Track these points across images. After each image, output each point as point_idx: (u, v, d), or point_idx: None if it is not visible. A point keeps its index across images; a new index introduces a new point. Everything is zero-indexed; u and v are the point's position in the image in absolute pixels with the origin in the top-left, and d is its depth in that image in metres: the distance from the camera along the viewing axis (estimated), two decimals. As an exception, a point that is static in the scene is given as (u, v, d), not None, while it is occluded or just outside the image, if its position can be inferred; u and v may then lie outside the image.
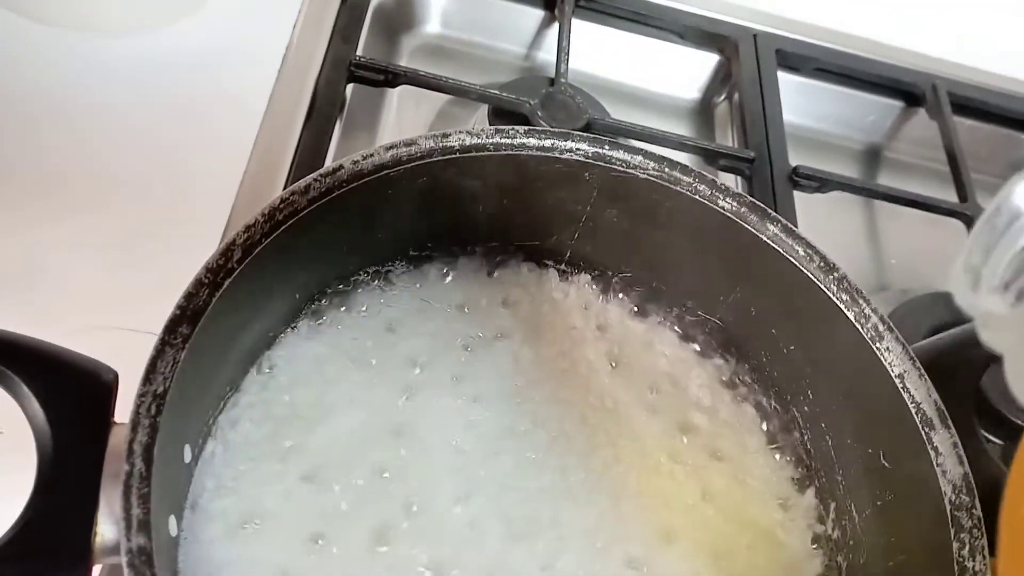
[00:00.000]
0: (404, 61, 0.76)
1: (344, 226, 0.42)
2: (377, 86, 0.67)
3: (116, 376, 0.34)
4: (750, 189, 0.69)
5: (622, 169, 0.45)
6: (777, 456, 0.48)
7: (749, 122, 0.74)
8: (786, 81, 0.79)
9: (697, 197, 0.44)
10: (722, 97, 0.82)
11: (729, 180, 0.72)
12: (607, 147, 0.44)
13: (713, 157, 0.71)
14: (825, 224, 0.73)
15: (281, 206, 0.38)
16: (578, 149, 0.44)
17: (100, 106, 0.62)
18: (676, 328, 0.51)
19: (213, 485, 0.40)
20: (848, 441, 0.44)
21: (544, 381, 0.48)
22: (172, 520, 0.36)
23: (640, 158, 0.44)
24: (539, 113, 0.66)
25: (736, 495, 0.47)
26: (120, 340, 0.46)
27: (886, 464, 0.41)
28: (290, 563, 0.39)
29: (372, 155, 0.41)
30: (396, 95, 0.72)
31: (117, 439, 0.33)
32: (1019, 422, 0.59)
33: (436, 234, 0.48)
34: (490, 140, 0.43)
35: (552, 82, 0.70)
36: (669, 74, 0.80)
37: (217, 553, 0.38)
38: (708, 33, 0.80)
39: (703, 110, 0.82)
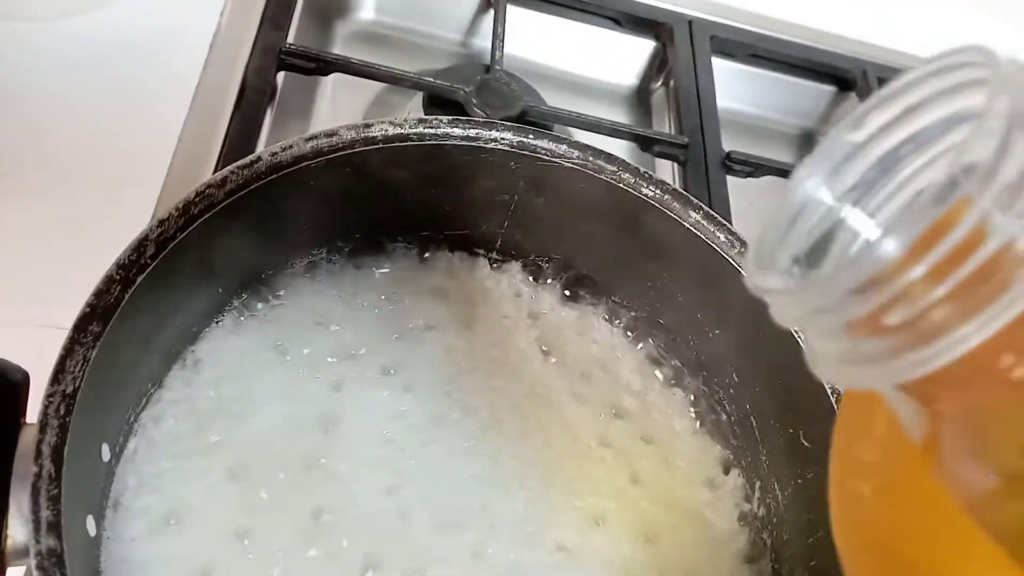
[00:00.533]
0: (338, 47, 0.75)
1: (265, 219, 0.42)
2: (308, 74, 0.66)
3: (26, 376, 0.34)
4: (684, 175, 0.70)
5: (547, 158, 0.45)
6: (704, 437, 0.49)
7: (684, 108, 0.75)
8: (721, 67, 0.80)
9: (621, 185, 0.45)
10: (658, 83, 0.82)
11: (665, 166, 0.72)
12: (531, 136, 0.45)
13: (648, 143, 0.71)
14: (760, 209, 0.74)
15: (196, 199, 0.38)
16: (503, 139, 0.44)
17: (22, 92, 0.61)
18: (606, 314, 0.52)
19: (135, 483, 0.39)
20: (771, 422, 0.45)
21: (476, 370, 0.48)
22: (90, 520, 0.35)
23: (564, 147, 0.45)
24: (474, 100, 0.66)
25: (665, 477, 0.47)
26: (36, 335, 0.45)
27: (806, 443, 0.43)
28: (216, 559, 0.39)
29: (291, 146, 0.40)
30: (330, 82, 0.71)
31: (27, 440, 0.32)
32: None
33: (363, 224, 0.47)
34: (413, 130, 0.43)
35: (488, 69, 0.70)
36: (606, 60, 0.81)
37: (140, 552, 0.38)
38: (644, 20, 0.80)
39: (640, 96, 0.83)
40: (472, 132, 0.44)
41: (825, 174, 0.19)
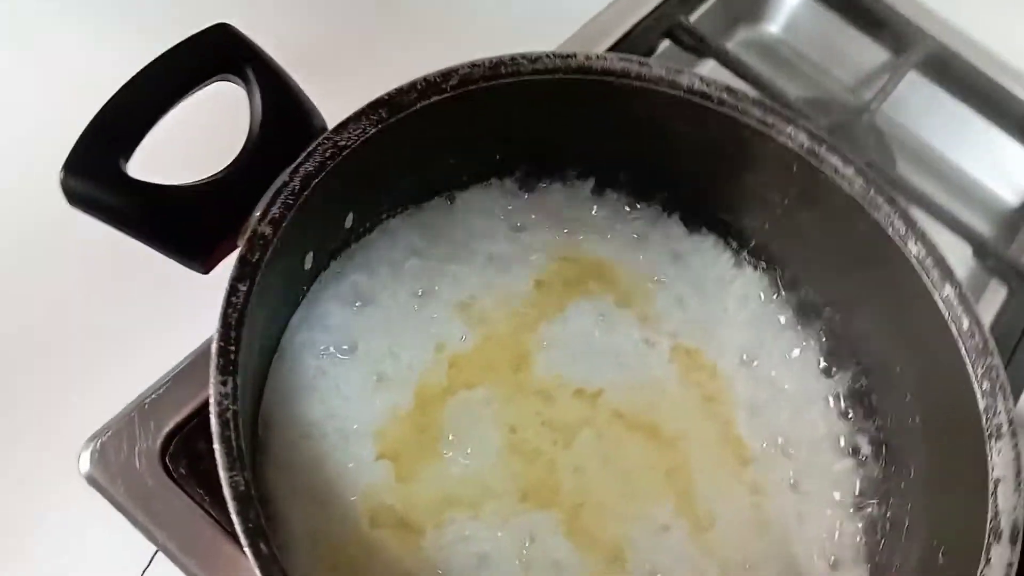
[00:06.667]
0: (730, 46, 0.78)
1: (552, 110, 0.45)
2: (686, 50, 0.70)
3: (325, 127, 0.42)
4: (1008, 304, 0.64)
5: (830, 174, 0.44)
6: (855, 519, 0.45)
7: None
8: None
9: (890, 231, 0.43)
10: (1041, 214, 0.74)
11: (999, 289, 0.66)
12: (824, 147, 0.44)
13: (986, 255, 0.65)
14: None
15: (508, 62, 0.43)
16: (796, 137, 0.44)
17: None
18: (823, 359, 0.50)
19: (360, 262, 0.47)
20: (922, 530, 0.41)
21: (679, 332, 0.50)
22: (310, 256, 0.43)
23: (852, 170, 0.44)
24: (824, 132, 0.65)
25: (793, 529, 0.45)
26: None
27: (941, 560, 0.38)
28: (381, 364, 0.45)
29: (606, 59, 0.44)
30: (705, 70, 0.74)
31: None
32: None
33: (636, 161, 0.50)
34: (717, 93, 0.45)
35: (857, 116, 0.69)
36: (990, 165, 0.75)
37: (331, 310, 0.45)
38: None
39: (1012, 219, 0.75)
40: (770, 119, 0.44)
41: None
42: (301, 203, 0.38)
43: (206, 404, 0.33)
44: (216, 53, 0.40)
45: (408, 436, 0.43)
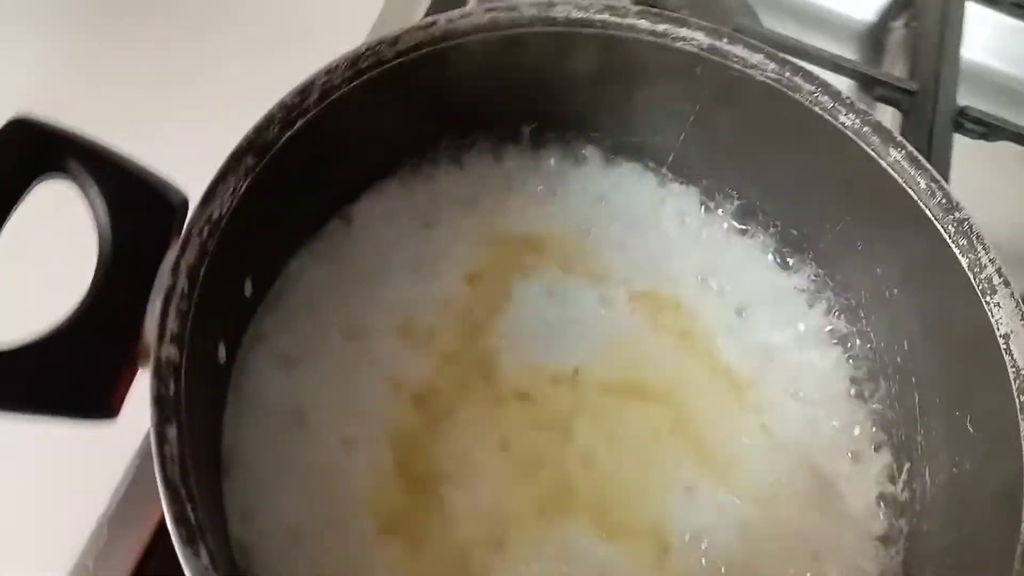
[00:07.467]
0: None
1: (432, 89, 0.41)
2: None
3: (185, 201, 0.35)
4: (905, 124, 0.63)
5: (738, 68, 0.41)
6: (860, 406, 0.44)
7: (921, 52, 0.67)
8: (977, 13, 0.70)
9: (816, 109, 0.40)
10: (900, 22, 0.73)
11: (886, 113, 0.65)
12: (725, 40, 0.41)
13: (870, 84, 0.64)
14: (988, 178, 0.66)
15: (366, 53, 0.37)
16: (693, 39, 0.41)
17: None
18: (776, 255, 0.47)
19: (273, 323, 0.41)
20: (936, 400, 0.40)
21: (630, 280, 0.46)
22: (222, 348, 0.37)
23: (760, 57, 0.41)
24: (684, 10, 0.61)
25: (806, 439, 0.44)
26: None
27: (971, 429, 0.37)
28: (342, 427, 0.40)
29: (470, 15, 0.39)
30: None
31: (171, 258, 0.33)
32: None
33: (531, 114, 0.45)
34: (598, 16, 0.40)
35: (706, -19, 0.65)
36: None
37: (264, 387, 0.39)
38: (897, -53, 0.72)
39: (875, 35, 0.74)
40: (661, 27, 0.41)
41: None
42: (196, 302, 0.32)
43: (159, 534, 0.28)
44: (26, 155, 0.32)
45: (401, 497, 0.38)
